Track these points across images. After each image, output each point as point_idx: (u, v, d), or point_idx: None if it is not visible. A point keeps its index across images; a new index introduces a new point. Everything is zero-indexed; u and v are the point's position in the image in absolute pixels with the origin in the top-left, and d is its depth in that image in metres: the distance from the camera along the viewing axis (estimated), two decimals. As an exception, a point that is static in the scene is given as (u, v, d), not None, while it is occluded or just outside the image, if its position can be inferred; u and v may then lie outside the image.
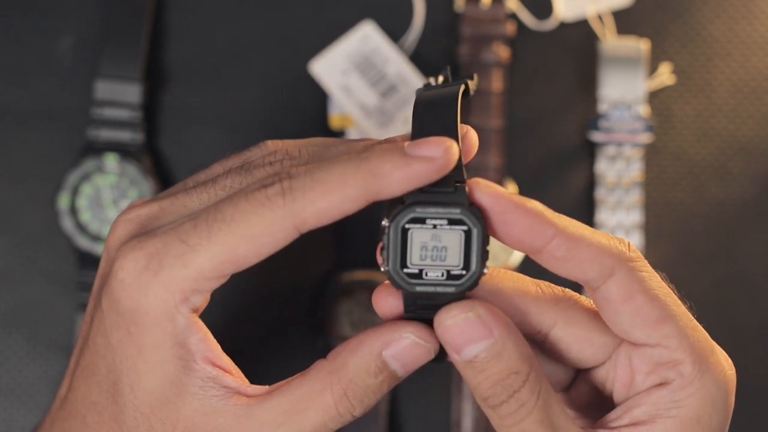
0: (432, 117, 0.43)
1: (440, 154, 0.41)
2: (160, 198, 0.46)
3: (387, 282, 0.44)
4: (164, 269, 0.42)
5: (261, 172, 0.44)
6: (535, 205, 0.43)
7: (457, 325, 0.42)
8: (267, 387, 0.45)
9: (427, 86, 0.46)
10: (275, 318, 0.76)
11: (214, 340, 0.45)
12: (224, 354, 0.45)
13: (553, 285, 0.46)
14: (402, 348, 0.43)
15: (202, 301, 0.44)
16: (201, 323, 0.44)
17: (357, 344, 0.43)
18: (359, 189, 0.41)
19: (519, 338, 0.43)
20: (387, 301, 0.44)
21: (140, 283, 0.43)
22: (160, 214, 0.45)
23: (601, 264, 0.43)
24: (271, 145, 0.46)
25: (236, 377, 0.45)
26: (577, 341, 0.45)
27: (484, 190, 0.42)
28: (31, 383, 0.76)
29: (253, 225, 0.42)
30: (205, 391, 0.43)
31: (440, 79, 0.47)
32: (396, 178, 0.41)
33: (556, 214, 0.43)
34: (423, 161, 0.41)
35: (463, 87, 0.45)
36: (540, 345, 0.46)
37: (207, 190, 0.44)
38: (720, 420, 0.44)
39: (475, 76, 0.48)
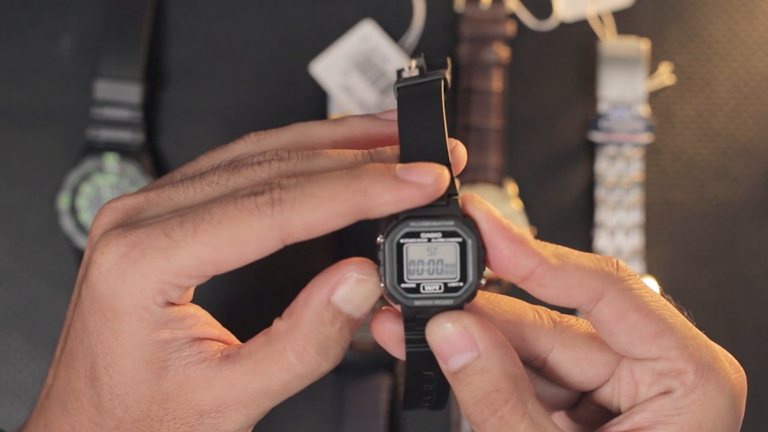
0: (419, 130, 0.43)
1: (431, 181, 0.41)
2: (146, 190, 0.46)
3: (383, 308, 0.44)
4: (145, 259, 0.42)
5: (249, 172, 0.44)
6: (522, 231, 0.43)
7: (444, 333, 0.42)
8: (239, 345, 0.44)
9: (400, 74, 0.46)
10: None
11: (199, 313, 0.45)
12: (211, 322, 0.45)
13: (549, 310, 0.46)
14: (349, 289, 0.42)
15: (180, 296, 0.44)
16: (181, 307, 0.44)
17: (306, 297, 0.43)
18: (348, 206, 0.41)
19: (506, 355, 0.42)
20: (385, 327, 0.44)
21: (119, 270, 0.43)
22: (145, 205, 0.45)
23: (588, 289, 0.43)
24: (254, 137, 0.46)
25: (221, 342, 0.45)
26: (577, 363, 0.45)
27: (477, 205, 0.42)
28: (31, 383, 0.76)
29: (240, 230, 0.42)
30: (186, 366, 0.44)
31: (414, 64, 0.47)
32: (386, 200, 0.41)
33: (542, 242, 0.43)
34: (414, 187, 0.41)
35: (442, 83, 0.45)
36: (539, 370, 0.46)
37: (194, 185, 0.45)
38: (727, 425, 0.44)
39: (449, 61, 0.47)
